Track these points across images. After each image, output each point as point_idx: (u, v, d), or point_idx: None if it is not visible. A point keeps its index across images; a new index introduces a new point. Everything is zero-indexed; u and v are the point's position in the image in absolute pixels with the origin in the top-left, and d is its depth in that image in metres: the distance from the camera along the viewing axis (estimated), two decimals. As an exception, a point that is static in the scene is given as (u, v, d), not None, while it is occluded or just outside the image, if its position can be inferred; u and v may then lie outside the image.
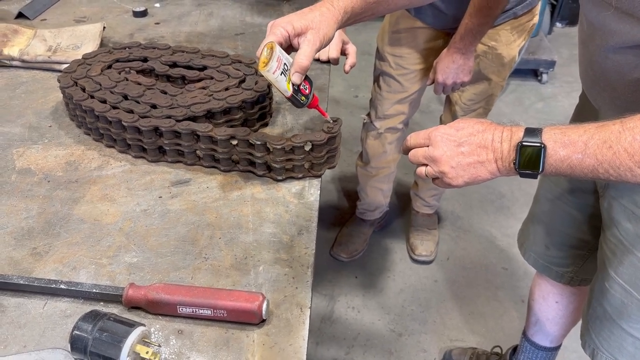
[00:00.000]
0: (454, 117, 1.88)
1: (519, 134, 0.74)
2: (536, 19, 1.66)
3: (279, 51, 0.86)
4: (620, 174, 0.68)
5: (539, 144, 0.72)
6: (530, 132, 0.73)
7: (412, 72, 1.76)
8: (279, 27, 0.87)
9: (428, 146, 0.82)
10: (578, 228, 1.22)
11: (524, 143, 0.73)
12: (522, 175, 0.75)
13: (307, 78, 0.91)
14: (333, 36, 0.91)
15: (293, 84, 0.88)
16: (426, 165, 0.83)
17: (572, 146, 0.70)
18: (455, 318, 1.98)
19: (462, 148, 0.77)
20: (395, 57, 1.74)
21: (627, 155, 0.67)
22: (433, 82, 1.65)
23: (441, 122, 1.99)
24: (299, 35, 0.88)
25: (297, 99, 0.90)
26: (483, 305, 2.04)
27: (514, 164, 0.74)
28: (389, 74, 1.78)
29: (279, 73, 0.86)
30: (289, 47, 0.91)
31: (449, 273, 2.17)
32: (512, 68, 1.73)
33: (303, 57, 0.86)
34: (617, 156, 0.67)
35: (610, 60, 0.85)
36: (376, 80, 1.86)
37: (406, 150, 0.87)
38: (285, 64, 0.87)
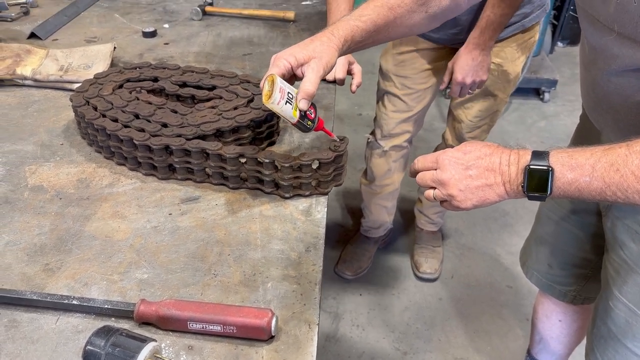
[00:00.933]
0: (458, 134, 1.90)
1: (526, 157, 0.75)
2: (537, 36, 1.69)
3: (280, 82, 0.88)
4: (628, 197, 0.69)
5: (546, 167, 0.73)
6: (537, 155, 0.74)
7: (417, 92, 1.78)
8: (282, 59, 0.90)
9: (436, 169, 0.83)
10: (581, 247, 1.23)
11: (532, 166, 0.74)
12: (531, 198, 0.76)
13: (311, 103, 0.94)
14: (335, 63, 0.93)
15: (300, 110, 0.90)
16: (434, 188, 0.84)
17: (579, 169, 0.71)
18: (460, 336, 1.98)
19: (470, 171, 0.78)
20: (400, 78, 1.77)
21: (634, 178, 0.68)
22: (447, 85, 1.62)
23: (443, 140, 2.02)
24: (301, 65, 0.90)
25: (303, 124, 0.92)
26: (488, 323, 2.03)
27: (522, 187, 0.75)
28: (394, 94, 1.80)
29: (284, 103, 0.88)
30: (293, 77, 0.93)
31: (454, 291, 2.16)
32: (516, 84, 1.75)
33: (309, 83, 0.88)
34: (624, 179, 0.68)
35: (612, 83, 0.87)
36: (380, 99, 1.88)
37: (414, 173, 0.88)
38: (288, 93, 0.89)
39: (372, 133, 1.97)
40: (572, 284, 1.30)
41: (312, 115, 0.94)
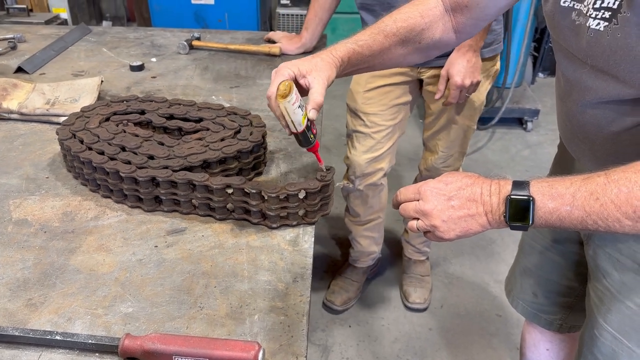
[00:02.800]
0: (431, 166, 1.93)
1: (507, 187, 0.76)
2: (498, 65, 1.76)
3: (295, 88, 0.91)
4: (609, 225, 0.70)
5: (527, 197, 0.74)
6: (518, 185, 0.75)
7: (386, 128, 1.80)
8: (286, 69, 0.93)
9: (418, 200, 0.83)
10: (565, 276, 1.23)
11: (513, 196, 0.74)
12: (513, 228, 0.76)
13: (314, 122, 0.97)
14: (334, 79, 0.96)
15: (309, 119, 0.93)
16: (417, 219, 0.84)
17: (560, 198, 0.72)
18: (451, 367, 1.96)
19: (452, 202, 0.79)
20: (369, 115, 1.79)
21: (614, 206, 0.69)
22: (442, 93, 1.64)
23: (419, 171, 2.06)
24: (304, 76, 0.94)
25: (307, 135, 0.95)
26: (478, 353, 2.01)
27: (504, 217, 0.76)
28: (363, 132, 1.81)
29: (297, 106, 0.90)
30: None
31: (443, 321, 2.15)
32: (481, 111, 1.81)
33: (317, 94, 0.91)
34: (604, 208, 0.69)
35: (588, 114, 0.89)
36: (349, 139, 1.88)
37: (396, 205, 0.89)
38: (301, 100, 0.92)
39: (346, 177, 1.96)
40: (557, 312, 1.30)
41: (315, 131, 0.97)
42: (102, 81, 1.50)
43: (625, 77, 0.78)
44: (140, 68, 1.72)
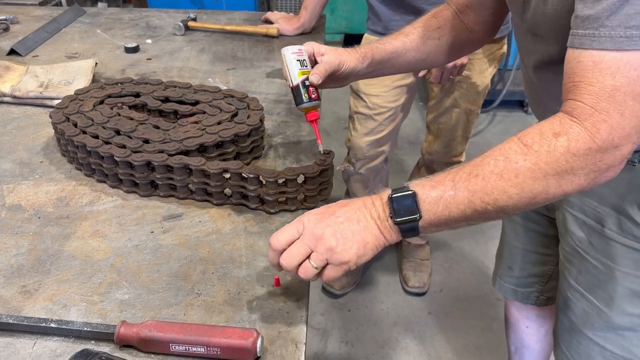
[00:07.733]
0: (434, 150, 1.92)
1: (387, 193, 0.74)
2: (505, 49, 1.72)
3: (304, 49, 0.97)
4: (497, 199, 0.69)
5: (408, 191, 0.72)
6: (398, 188, 0.74)
7: (388, 110, 1.78)
8: (309, 44, 1.01)
9: (302, 235, 0.75)
10: (540, 243, 1.26)
11: (394, 195, 0.73)
12: (404, 231, 0.73)
13: (317, 90, 0.98)
14: (349, 67, 1.00)
15: (310, 83, 0.96)
16: (308, 258, 0.74)
17: (441, 185, 0.72)
18: (451, 351, 1.96)
19: (339, 218, 0.74)
20: (371, 96, 1.76)
21: (495, 176, 0.68)
22: (426, 72, 1.64)
23: (422, 155, 2.04)
24: (322, 55, 1.00)
25: (300, 93, 0.96)
26: (478, 337, 2.02)
27: (391, 217, 0.72)
28: (365, 114, 1.79)
29: (294, 58, 0.96)
30: (313, 64, 1.01)
31: (443, 305, 2.15)
32: (485, 95, 1.78)
33: (325, 63, 0.97)
34: (486, 181, 0.69)
35: (536, 77, 0.93)
36: (351, 121, 1.86)
37: (276, 261, 0.77)
38: (305, 60, 0.97)
39: (346, 160, 1.94)
40: (533, 284, 1.32)
41: (313, 95, 0.97)
42: (96, 63, 1.47)
43: (543, 35, 0.84)
44: (135, 50, 1.69)
